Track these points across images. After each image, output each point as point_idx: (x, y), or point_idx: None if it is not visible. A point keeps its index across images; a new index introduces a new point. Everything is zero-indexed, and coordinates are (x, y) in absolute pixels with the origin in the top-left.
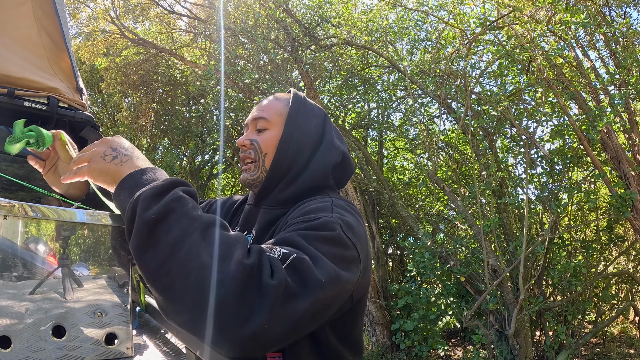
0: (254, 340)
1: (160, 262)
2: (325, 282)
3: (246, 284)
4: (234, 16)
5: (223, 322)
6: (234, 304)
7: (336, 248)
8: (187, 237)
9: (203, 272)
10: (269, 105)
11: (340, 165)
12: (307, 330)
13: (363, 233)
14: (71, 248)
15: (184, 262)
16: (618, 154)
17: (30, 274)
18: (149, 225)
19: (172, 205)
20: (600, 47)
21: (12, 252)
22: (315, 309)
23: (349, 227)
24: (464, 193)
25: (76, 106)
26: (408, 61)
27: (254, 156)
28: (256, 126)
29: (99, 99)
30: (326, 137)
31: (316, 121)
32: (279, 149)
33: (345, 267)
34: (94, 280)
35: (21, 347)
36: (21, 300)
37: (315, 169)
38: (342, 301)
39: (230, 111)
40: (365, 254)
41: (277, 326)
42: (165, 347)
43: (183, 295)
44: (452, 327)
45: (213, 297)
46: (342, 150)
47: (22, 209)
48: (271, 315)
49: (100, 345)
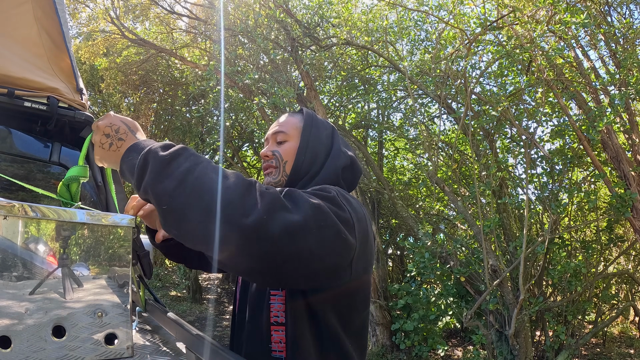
0: (256, 231)
1: (176, 184)
2: (315, 203)
3: (248, 189)
4: (234, 16)
5: (231, 215)
6: (239, 201)
7: (329, 203)
8: (197, 166)
9: (213, 185)
10: (286, 121)
11: (349, 167)
12: (302, 247)
13: (362, 214)
14: (71, 248)
15: (196, 181)
16: (618, 154)
17: (30, 274)
18: (164, 162)
19: (180, 151)
20: (600, 47)
21: (12, 252)
22: (308, 226)
23: (345, 198)
24: (464, 193)
25: (76, 106)
26: (408, 61)
27: (276, 164)
28: (276, 139)
29: (99, 99)
30: (335, 145)
31: (326, 132)
32: (298, 156)
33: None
34: (94, 280)
35: (21, 347)
36: (21, 300)
37: (328, 172)
38: (336, 247)
39: (230, 111)
40: (363, 232)
41: (275, 224)
42: (165, 347)
43: (197, 205)
44: (452, 327)
45: (221, 199)
46: (349, 155)
47: (22, 209)
48: (269, 211)
49: (100, 345)
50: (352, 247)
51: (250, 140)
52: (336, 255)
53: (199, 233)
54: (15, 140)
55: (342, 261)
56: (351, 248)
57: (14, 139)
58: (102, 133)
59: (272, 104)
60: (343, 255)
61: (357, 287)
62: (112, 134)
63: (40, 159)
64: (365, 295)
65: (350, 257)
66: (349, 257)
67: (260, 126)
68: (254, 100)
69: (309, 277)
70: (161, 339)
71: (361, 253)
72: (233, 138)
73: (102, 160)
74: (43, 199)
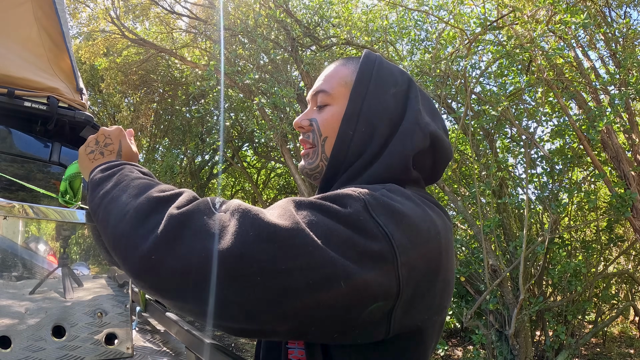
0: (147, 263)
1: (95, 209)
2: (275, 226)
3: (154, 210)
4: (234, 16)
5: (122, 246)
6: (136, 226)
7: (338, 224)
8: (115, 188)
9: (117, 209)
10: (334, 73)
11: (429, 151)
12: (235, 293)
13: (428, 232)
14: (71, 248)
15: (108, 205)
16: (618, 154)
17: (30, 274)
18: (94, 185)
19: (115, 171)
20: (600, 47)
21: (12, 252)
22: (248, 262)
23: (385, 208)
24: (464, 193)
25: (76, 106)
26: (408, 61)
27: (313, 140)
28: (317, 102)
29: (99, 99)
30: (409, 113)
31: (395, 90)
32: (342, 131)
33: (349, 255)
34: (94, 280)
35: (21, 347)
36: (21, 300)
37: (390, 158)
38: (325, 297)
39: (230, 111)
40: (423, 264)
41: (178, 254)
42: (165, 347)
43: (104, 234)
44: (452, 327)
45: (118, 227)
46: (430, 131)
47: (22, 209)
48: (172, 238)
49: (100, 345)
50: (381, 292)
51: (250, 140)
52: (328, 306)
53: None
54: (15, 140)
55: (359, 314)
56: (380, 294)
57: (14, 139)
58: (96, 137)
59: (272, 104)
60: (351, 306)
61: (409, 344)
62: (101, 144)
63: (40, 159)
64: (422, 350)
65: (384, 307)
66: (379, 308)
67: (260, 126)
68: (254, 100)
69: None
70: (161, 339)
71: (417, 298)
72: (233, 138)
73: (81, 162)
74: (43, 199)
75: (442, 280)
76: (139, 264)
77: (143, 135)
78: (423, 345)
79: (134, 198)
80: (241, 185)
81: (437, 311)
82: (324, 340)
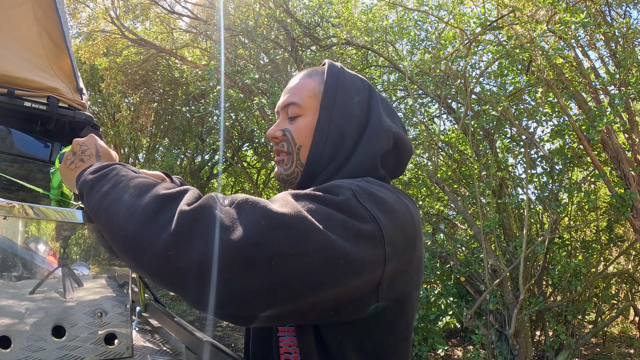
0: (163, 259)
1: (95, 210)
2: (283, 215)
3: (161, 207)
4: (234, 16)
5: (132, 247)
6: (145, 226)
7: (333, 210)
8: (114, 189)
9: (121, 211)
10: (301, 85)
11: (393, 151)
12: (244, 281)
13: (404, 217)
14: (71, 248)
15: (109, 207)
16: (618, 154)
17: (30, 274)
18: (88, 188)
19: (107, 172)
20: (600, 47)
21: (12, 252)
22: (261, 250)
23: (372, 197)
24: (464, 193)
25: (76, 106)
26: (408, 61)
27: (287, 149)
28: (287, 113)
29: (99, 99)
30: (373, 118)
31: (359, 98)
32: (315, 140)
33: (346, 236)
34: (94, 280)
35: (21, 347)
36: (21, 300)
37: (359, 160)
38: (327, 276)
39: (230, 111)
40: (404, 244)
41: (194, 249)
42: (165, 347)
43: (109, 236)
44: (452, 327)
45: (125, 228)
46: (393, 132)
47: (22, 209)
48: (185, 234)
49: (100, 345)
50: (372, 268)
51: (250, 140)
52: (331, 284)
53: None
54: (15, 140)
55: (354, 289)
56: (371, 269)
57: (14, 139)
58: (72, 150)
59: (272, 104)
60: (349, 282)
61: (392, 318)
62: (78, 153)
63: (40, 159)
64: (404, 324)
65: (373, 281)
66: (369, 282)
67: (260, 126)
68: (254, 100)
69: (285, 316)
70: (161, 339)
71: (398, 273)
72: (233, 138)
73: (64, 177)
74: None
75: (417, 258)
76: (155, 262)
77: (143, 135)
78: (405, 318)
79: (138, 197)
80: (241, 185)
81: (415, 287)
82: (321, 320)
